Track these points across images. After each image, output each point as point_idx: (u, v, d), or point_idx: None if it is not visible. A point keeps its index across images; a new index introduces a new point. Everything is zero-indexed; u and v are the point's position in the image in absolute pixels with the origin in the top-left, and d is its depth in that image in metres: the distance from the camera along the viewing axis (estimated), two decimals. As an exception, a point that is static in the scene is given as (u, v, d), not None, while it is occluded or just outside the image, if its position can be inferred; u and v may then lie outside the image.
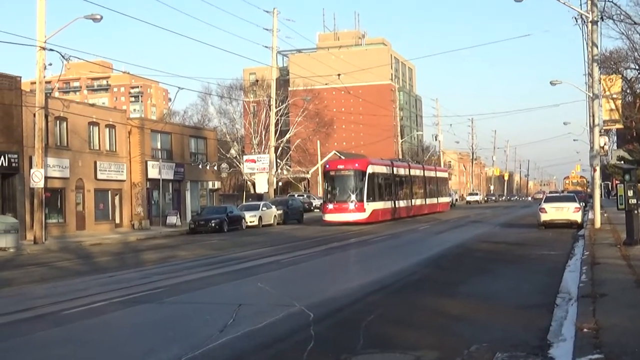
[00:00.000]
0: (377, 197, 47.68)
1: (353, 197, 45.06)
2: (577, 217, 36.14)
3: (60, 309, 14.04)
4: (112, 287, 17.33)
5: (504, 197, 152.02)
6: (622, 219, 25.80)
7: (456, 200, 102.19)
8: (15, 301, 15.47)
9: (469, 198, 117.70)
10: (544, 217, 36.33)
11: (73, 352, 10.31)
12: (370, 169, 46.81)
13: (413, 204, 58.08)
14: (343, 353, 9.33)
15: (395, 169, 54.36)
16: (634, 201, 22.42)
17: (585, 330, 9.38)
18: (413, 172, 60.54)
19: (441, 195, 70.30)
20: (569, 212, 36.37)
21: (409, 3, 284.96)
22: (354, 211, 44.75)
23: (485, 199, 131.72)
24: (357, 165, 47.54)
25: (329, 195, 46.87)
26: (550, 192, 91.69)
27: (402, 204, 54.43)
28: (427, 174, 65.75)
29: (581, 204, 39.37)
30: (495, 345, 9.53)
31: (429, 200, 64.11)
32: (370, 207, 45.48)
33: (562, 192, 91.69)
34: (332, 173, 47.45)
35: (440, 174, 72.19)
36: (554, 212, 36.52)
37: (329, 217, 45.89)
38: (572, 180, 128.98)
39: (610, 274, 15.12)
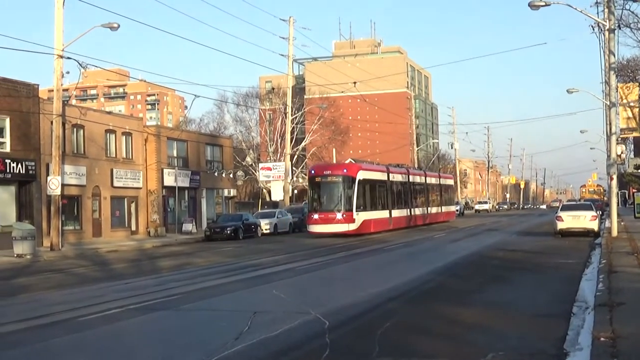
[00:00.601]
0: (369, 206, 43.76)
1: (341, 206, 41.03)
2: (594, 225, 36.01)
3: (76, 315, 14.09)
4: (128, 294, 17.36)
5: (517, 206, 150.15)
6: (639, 227, 25.66)
7: (463, 209, 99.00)
8: (32, 307, 15.53)
9: (477, 207, 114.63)
10: (561, 225, 36.23)
11: (85, 358, 10.35)
12: (360, 175, 42.52)
13: (414, 213, 53.90)
14: (358, 361, 9.33)
15: (391, 175, 50.19)
16: (651, 210, 22.37)
17: (602, 339, 9.33)
18: (413, 178, 56.17)
19: (446, 203, 66.35)
20: (585, 220, 36.26)
21: (425, 12, 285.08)
22: (341, 222, 40.56)
23: (497, 207, 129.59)
24: (345, 170, 42.82)
25: (314, 204, 42.58)
26: (569, 201, 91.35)
27: (400, 213, 50.28)
28: (430, 180, 61.90)
29: (598, 212, 39.26)
30: (511, 353, 9.49)
31: (431, 209, 59.96)
32: (361, 217, 41.49)
33: (579, 200, 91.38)
34: (317, 179, 42.82)
35: (445, 181, 67.89)
36: (570, 220, 36.42)
37: (314, 228, 41.69)
38: (588, 189, 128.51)
39: (627, 283, 15.02)
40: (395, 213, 49.05)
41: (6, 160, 36.51)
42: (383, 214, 46.54)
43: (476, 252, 27.87)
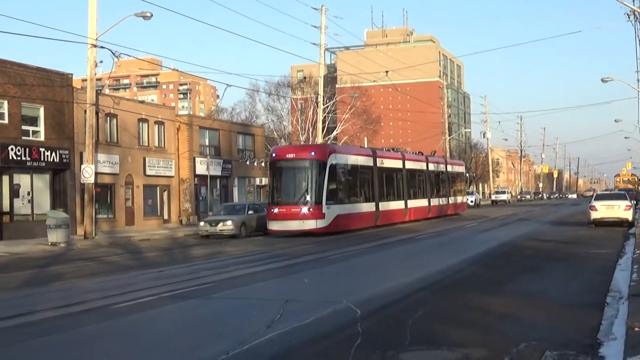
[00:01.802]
0: (345, 197, 35.98)
1: (307, 197, 33.32)
2: (628, 215, 35.93)
3: (109, 303, 14.22)
4: (160, 282, 17.50)
5: (541, 196, 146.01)
6: (674, 217, 25.48)
7: (480, 200, 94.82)
8: (66, 295, 15.69)
9: (494, 197, 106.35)
10: (594, 215, 36.22)
11: (121, 346, 10.43)
12: (333, 159, 34.40)
13: (409, 206, 45.96)
14: (390, 349, 9.30)
15: (379, 160, 41.60)
16: (687, 200, 22.26)
17: (636, 329, 9.25)
18: (411, 164, 47.58)
19: (455, 194, 58.37)
20: (619, 210, 36.22)
21: (458, 0, 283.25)
22: (307, 217, 32.79)
23: (519, 197, 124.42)
24: (313, 153, 34.31)
25: (275, 195, 34.62)
26: (604, 190, 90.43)
27: (391, 206, 42.75)
28: (434, 167, 53.22)
29: (632, 202, 39.12)
30: (544, 343, 9.42)
31: (435, 201, 52.06)
32: (333, 211, 33.74)
33: (613, 190, 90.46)
34: (279, 164, 34.85)
35: (453, 168, 59.44)
36: (604, 210, 36.41)
37: (273, 226, 33.85)
38: (622, 178, 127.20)
39: (662, 273, 14.92)
40: (384, 206, 41.41)
41: (40, 149, 36.88)
42: (366, 207, 39.00)
43: (508, 242, 27.76)
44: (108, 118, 42.80)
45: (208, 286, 16.52)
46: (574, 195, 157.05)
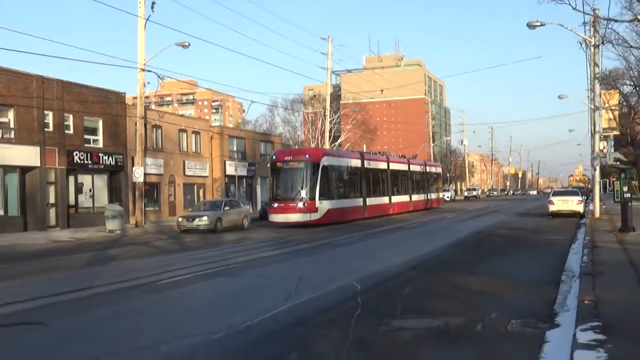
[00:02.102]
0: (336, 194, 34.78)
1: (302, 194, 32.30)
2: (580, 208, 36.06)
3: (154, 280, 14.29)
4: (196, 263, 17.54)
5: (506, 192, 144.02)
6: (618, 210, 25.35)
7: (455, 195, 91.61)
8: (120, 273, 15.76)
9: (466, 193, 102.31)
10: (552, 208, 36.43)
11: (163, 316, 10.46)
12: (325, 161, 33.63)
13: (393, 201, 44.45)
14: (385, 318, 9.32)
15: (366, 162, 40.28)
16: (628, 195, 22.35)
17: (586, 302, 9.27)
18: (395, 166, 46.09)
19: (433, 191, 56.05)
20: (573, 204, 36.42)
21: (441, 30, 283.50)
22: (302, 211, 32.02)
23: (487, 194, 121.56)
24: (308, 156, 33.52)
25: (274, 192, 33.66)
26: (562, 187, 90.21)
27: (377, 201, 41.15)
28: (415, 168, 51.36)
29: (583, 197, 39.19)
30: (510, 313, 9.44)
31: (416, 197, 50.03)
32: (325, 205, 32.81)
33: (567, 187, 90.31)
34: (279, 165, 33.43)
35: (431, 169, 57.19)
36: (560, 204, 36.61)
37: (273, 218, 33.07)
38: (575, 178, 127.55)
39: (607, 256, 14.87)
40: (371, 201, 39.95)
41: (100, 154, 37.08)
42: (355, 202, 37.53)
43: (482, 230, 27.70)
44: (154, 129, 42.92)
45: (235, 266, 16.58)
46: (534, 192, 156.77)
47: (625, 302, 9.12)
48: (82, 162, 35.90)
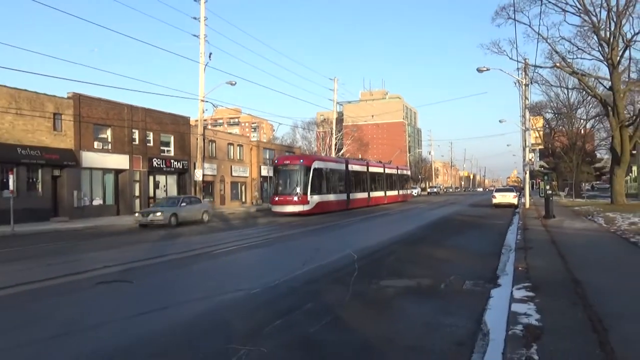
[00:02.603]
0: (324, 190, 32.43)
1: (297, 190, 30.31)
2: (515, 201, 35.93)
3: (210, 250, 14.30)
4: (240, 238, 17.56)
5: (459, 190, 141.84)
6: (542, 202, 25.29)
7: (420, 191, 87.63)
8: (184, 245, 15.80)
9: (429, 190, 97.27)
10: (495, 201, 36.29)
11: (217, 275, 10.48)
12: (316, 165, 31.51)
13: (371, 196, 41.76)
14: (375, 278, 9.29)
15: (350, 165, 37.93)
16: (549, 192, 22.22)
17: (520, 268, 9.21)
18: (372, 169, 43.46)
19: (403, 188, 52.71)
20: (509, 197, 36.31)
21: (415, 73, 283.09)
22: (297, 203, 30.00)
23: (445, 190, 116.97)
24: (302, 161, 31.50)
25: (276, 188, 31.53)
26: (501, 186, 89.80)
27: (358, 196, 38.68)
28: (389, 171, 48.27)
29: (517, 193, 39.04)
30: (465, 276, 9.39)
31: (390, 193, 47.26)
32: (315, 199, 30.79)
33: (506, 186, 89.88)
34: (279, 167, 31.59)
35: (402, 172, 53.26)
36: (500, 197, 36.48)
37: (275, 209, 30.96)
38: (511, 179, 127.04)
39: (535, 235, 14.78)
40: (354, 196, 37.71)
41: (171, 160, 37.13)
42: (341, 196, 35.13)
43: (444, 216, 27.59)
44: (210, 143, 42.93)
45: (267, 240, 16.58)
46: (480, 189, 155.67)
47: (547, 269, 9.05)
48: (158, 166, 35.96)
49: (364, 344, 5.73)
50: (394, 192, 48.83)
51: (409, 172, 56.11)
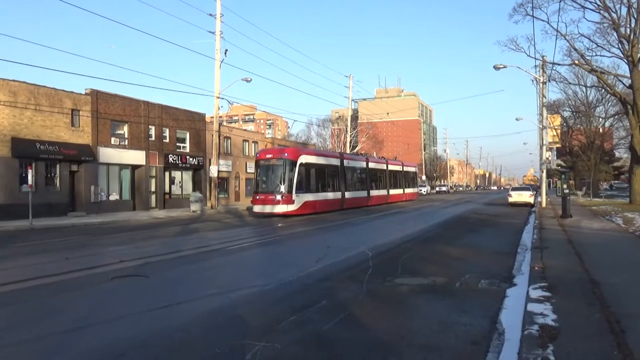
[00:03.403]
0: (312, 188, 28.67)
1: (281, 188, 26.66)
2: (531, 200, 35.65)
3: (224, 246, 14.36)
4: (253, 234, 17.62)
5: (470, 188, 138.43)
6: (559, 202, 25.03)
7: (430, 190, 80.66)
8: (200, 241, 15.89)
9: (437, 189, 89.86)
10: (510, 199, 36.04)
11: (232, 271, 10.52)
12: (302, 159, 27.74)
13: (371, 194, 37.93)
14: (389, 276, 9.27)
15: (345, 161, 34.04)
16: (566, 191, 21.98)
17: (536, 268, 9.12)
18: (373, 165, 39.50)
19: (409, 187, 48.43)
20: (526, 196, 36.01)
21: (431, 70, 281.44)
22: (280, 202, 26.46)
23: (454, 188, 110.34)
24: (286, 154, 27.61)
25: (257, 186, 27.79)
26: (518, 185, 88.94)
27: (355, 194, 34.91)
28: (393, 167, 44.26)
29: (533, 192, 38.74)
30: (480, 275, 9.33)
31: (393, 191, 43.41)
32: (301, 198, 27.23)
33: (522, 184, 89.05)
34: (261, 162, 27.88)
35: (408, 169, 48.99)
36: (516, 196, 36.21)
37: (256, 209, 27.32)
38: (527, 178, 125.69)
39: (551, 235, 14.63)
40: (349, 195, 33.80)
41: (187, 157, 37.36)
42: (333, 195, 31.39)
43: (459, 215, 27.41)
44: (225, 139, 43.11)
45: (280, 238, 16.61)
46: (495, 187, 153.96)
47: (564, 269, 8.95)
48: (174, 162, 36.22)
49: (377, 342, 5.72)
50: (398, 191, 45.31)
51: (415, 169, 53.25)
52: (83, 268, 10.62)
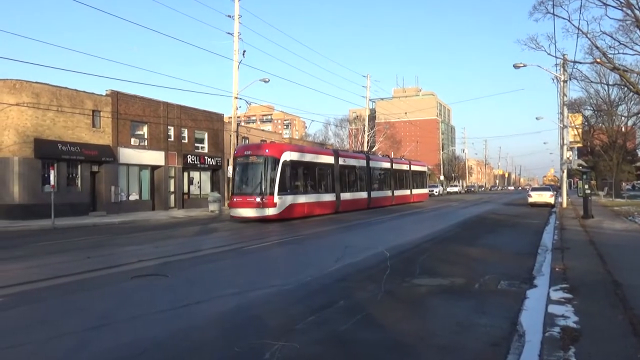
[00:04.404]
0: (300, 189, 25.57)
1: (261, 188, 23.46)
2: (551, 200, 35.20)
3: (242, 246, 14.44)
4: (271, 234, 17.67)
5: (482, 189, 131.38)
6: (580, 202, 24.70)
7: (442, 190, 76.19)
8: (218, 241, 16.00)
9: (449, 189, 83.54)
10: (530, 200, 35.65)
11: (250, 271, 10.56)
12: (287, 156, 24.46)
13: (372, 196, 34.49)
14: (407, 277, 9.23)
15: (341, 159, 30.45)
16: (588, 191, 21.71)
17: (557, 269, 9.01)
18: (375, 164, 36.19)
19: (417, 187, 44.94)
20: (546, 197, 35.60)
21: (449, 70, 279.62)
22: (261, 205, 23.11)
23: (465, 189, 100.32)
24: (267, 151, 24.32)
25: (235, 186, 24.70)
26: (538, 185, 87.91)
27: (353, 196, 31.40)
28: (399, 167, 40.90)
29: (554, 192, 38.30)
30: (500, 276, 9.24)
31: (400, 192, 39.90)
32: (286, 201, 23.88)
33: (542, 185, 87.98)
34: (239, 159, 24.72)
35: (416, 168, 45.33)
36: (537, 196, 35.81)
37: (234, 212, 23.97)
38: (548, 178, 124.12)
39: (572, 235, 14.43)
40: (346, 196, 30.35)
41: (205, 157, 37.62)
42: (325, 197, 27.98)
43: (478, 215, 27.17)
44: (243, 139, 43.25)
45: (300, 237, 16.62)
46: (511, 187, 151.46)
47: (586, 270, 8.82)
48: (193, 162, 36.50)
49: (395, 342, 5.70)
50: (405, 192, 41.78)
51: (425, 169, 49.64)
52: (104, 267, 10.76)
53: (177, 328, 6.28)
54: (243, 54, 31.88)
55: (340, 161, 30.37)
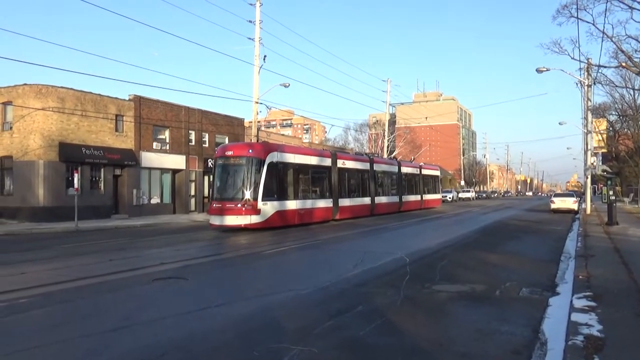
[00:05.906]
0: (289, 195, 22.55)
1: (242, 193, 20.61)
2: (575, 206, 34.68)
3: (262, 250, 14.51)
4: (291, 239, 17.69)
5: (496, 195, 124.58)
6: (605, 209, 24.29)
7: (456, 196, 68.72)
8: (238, 244, 16.06)
9: (461, 195, 74.48)
10: (553, 206, 35.18)
11: (268, 275, 10.60)
12: (273, 157, 21.53)
13: (377, 202, 31.57)
14: (427, 282, 9.16)
15: (339, 161, 27.36)
16: (612, 198, 21.35)
17: (580, 277, 8.86)
18: (380, 167, 33.04)
19: (428, 192, 41.79)
20: (569, 203, 35.10)
21: (471, 74, 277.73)
22: (242, 212, 20.28)
23: (477, 195, 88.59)
24: (250, 151, 21.27)
25: (215, 191, 21.68)
26: (561, 191, 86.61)
27: (353, 202, 28.43)
28: (406, 170, 37.79)
29: (577, 198, 37.78)
30: (521, 283, 9.12)
31: (408, 198, 37.11)
32: (271, 207, 21.08)
33: (565, 191, 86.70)
34: (219, 161, 21.73)
35: (428, 172, 42.81)
36: (559, 203, 35.33)
37: (213, 220, 21.10)
38: (571, 184, 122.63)
39: (596, 243, 14.17)
40: (345, 202, 27.52)
41: (225, 161, 37.88)
42: (320, 203, 25.12)
43: (499, 221, 26.85)
44: (263, 144, 43.58)
45: (319, 242, 16.62)
46: (530, 193, 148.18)
47: (610, 278, 8.66)
48: (213, 167, 36.71)
49: (414, 349, 5.66)
50: (415, 197, 38.95)
51: (438, 173, 46.34)
52: (126, 269, 10.90)
53: (196, 330, 6.32)
54: (264, 59, 32.03)
55: (339, 164, 27.43)
